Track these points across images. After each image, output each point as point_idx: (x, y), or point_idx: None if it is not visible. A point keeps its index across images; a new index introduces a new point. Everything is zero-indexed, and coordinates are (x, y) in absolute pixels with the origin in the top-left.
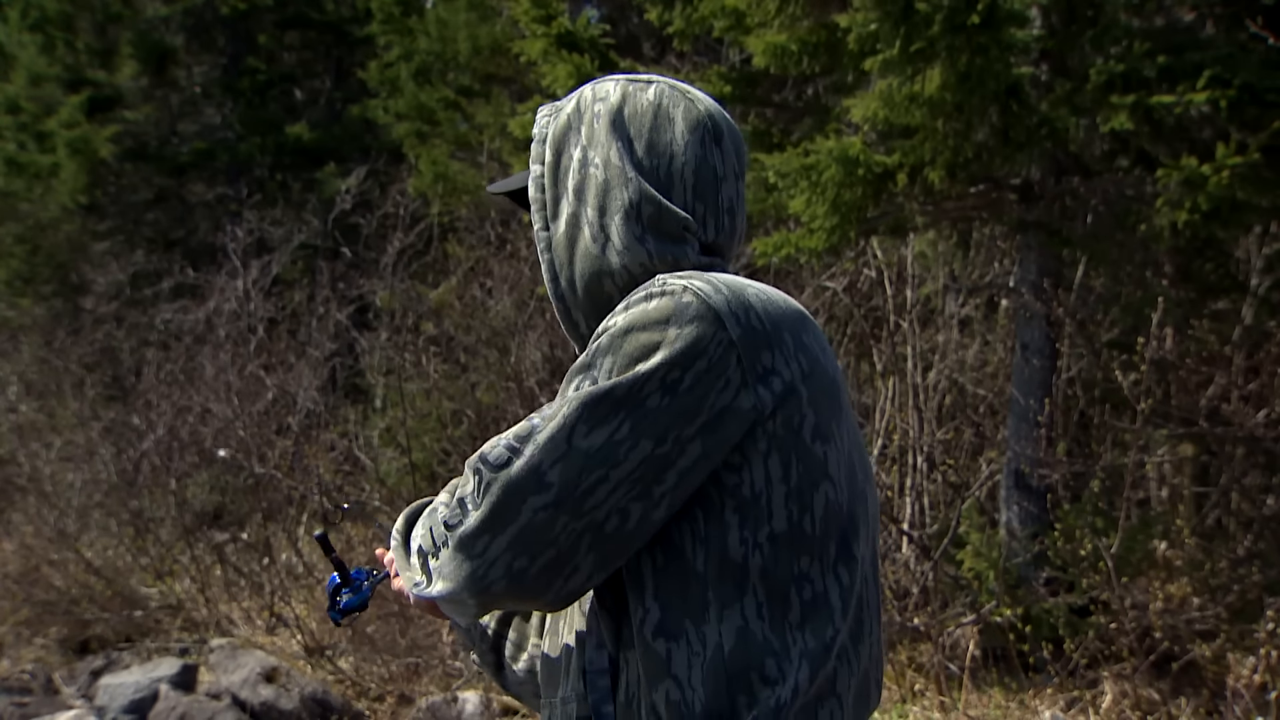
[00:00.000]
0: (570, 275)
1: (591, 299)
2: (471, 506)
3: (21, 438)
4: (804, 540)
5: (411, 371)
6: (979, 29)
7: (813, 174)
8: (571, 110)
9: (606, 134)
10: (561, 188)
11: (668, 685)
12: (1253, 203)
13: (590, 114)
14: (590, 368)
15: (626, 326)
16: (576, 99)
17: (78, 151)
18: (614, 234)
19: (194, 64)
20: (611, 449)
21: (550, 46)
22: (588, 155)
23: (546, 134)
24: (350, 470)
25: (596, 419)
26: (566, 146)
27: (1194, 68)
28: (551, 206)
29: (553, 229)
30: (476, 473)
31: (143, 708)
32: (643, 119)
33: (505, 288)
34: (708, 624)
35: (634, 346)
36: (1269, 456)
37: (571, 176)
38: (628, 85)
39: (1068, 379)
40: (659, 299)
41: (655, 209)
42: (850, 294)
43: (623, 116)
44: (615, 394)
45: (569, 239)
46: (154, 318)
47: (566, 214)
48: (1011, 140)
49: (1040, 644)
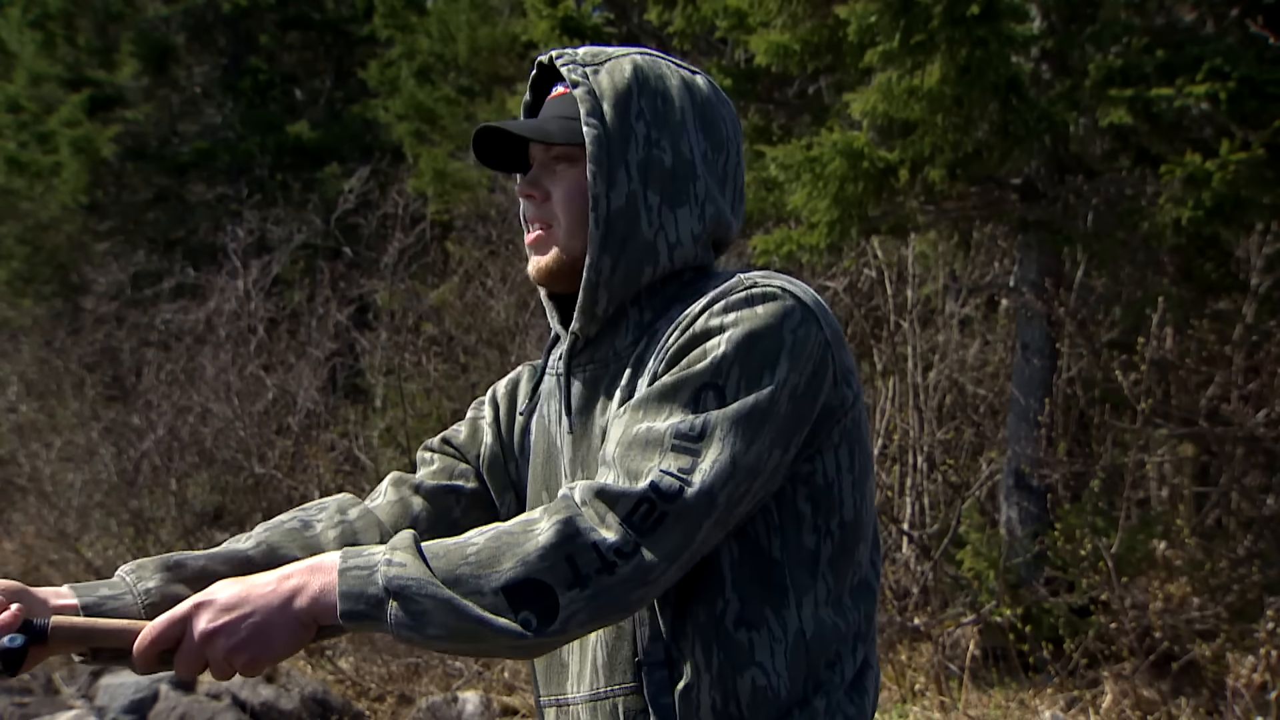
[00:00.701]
0: (616, 253)
1: (626, 282)
2: (640, 535)
3: (22, 438)
4: (862, 527)
5: (411, 371)
6: (979, 21)
7: (816, 166)
8: (630, 77)
9: (678, 119)
10: (620, 158)
11: (753, 673)
12: (1255, 200)
13: (653, 89)
14: (716, 377)
15: (747, 334)
16: (631, 65)
17: (80, 151)
18: (672, 227)
19: (195, 63)
20: (760, 461)
21: (555, 29)
22: (652, 135)
23: (600, 89)
24: (350, 470)
25: (750, 436)
26: (628, 115)
27: (1193, 62)
28: (608, 174)
29: (611, 199)
30: (644, 502)
31: (143, 708)
32: (705, 110)
33: (505, 288)
34: (788, 610)
35: (759, 356)
36: (1269, 456)
37: (634, 150)
38: (679, 69)
39: (1068, 379)
40: (765, 303)
41: (716, 212)
42: (851, 294)
43: (692, 103)
44: (760, 408)
45: (626, 216)
46: (154, 318)
47: (626, 190)
48: (1011, 135)
49: (1040, 644)
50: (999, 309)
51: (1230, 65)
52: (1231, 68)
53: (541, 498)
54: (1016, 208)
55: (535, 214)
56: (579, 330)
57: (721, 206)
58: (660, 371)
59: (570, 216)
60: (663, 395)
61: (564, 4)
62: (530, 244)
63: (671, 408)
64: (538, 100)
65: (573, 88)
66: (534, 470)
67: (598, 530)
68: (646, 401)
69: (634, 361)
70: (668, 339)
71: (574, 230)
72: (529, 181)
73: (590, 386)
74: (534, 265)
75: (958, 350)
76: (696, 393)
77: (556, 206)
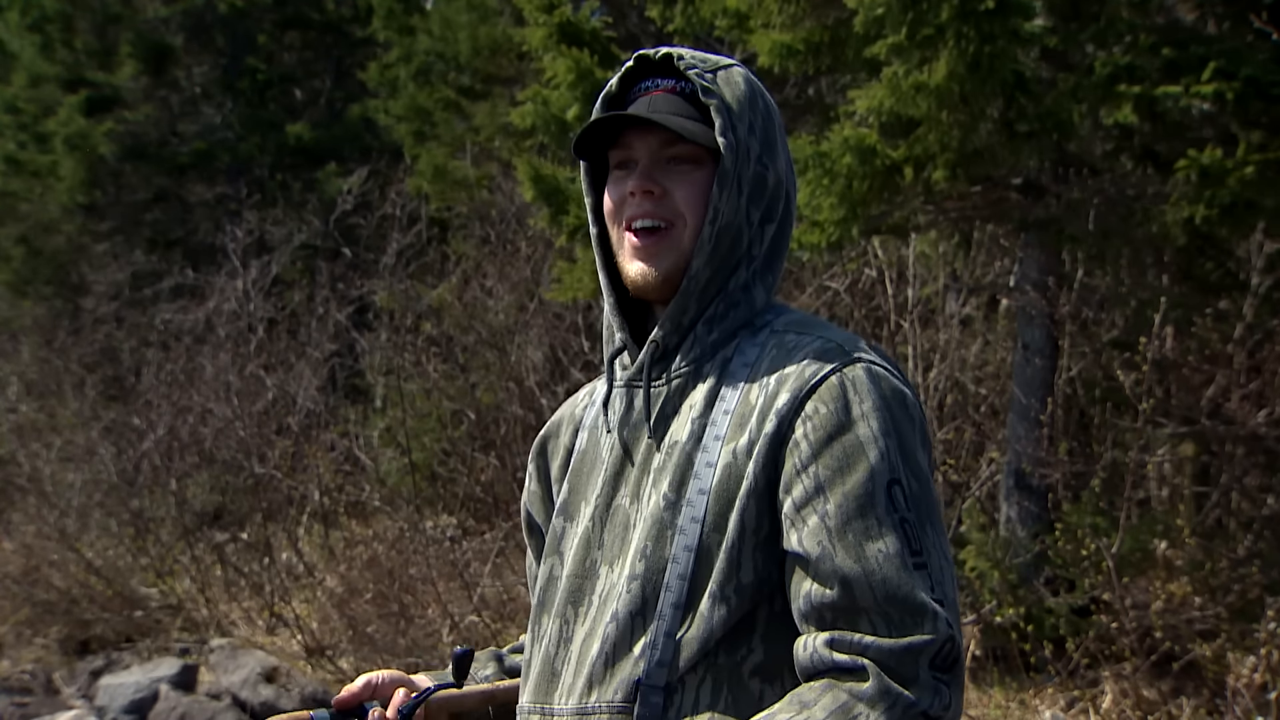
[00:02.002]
0: (716, 265)
1: (708, 291)
2: (945, 672)
3: (21, 438)
4: None
5: (411, 371)
6: (991, 16)
7: (826, 161)
8: (745, 91)
9: (776, 136)
10: (737, 172)
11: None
12: (1261, 203)
13: (763, 106)
14: (894, 474)
15: (892, 423)
16: (743, 79)
17: (75, 148)
18: (759, 243)
19: (193, 64)
20: (949, 549)
21: (551, 36)
22: (761, 152)
23: (728, 98)
24: (350, 470)
25: (938, 530)
26: (744, 129)
27: (1198, 62)
28: (734, 187)
29: (728, 212)
30: (945, 643)
31: (143, 708)
32: (783, 128)
33: (505, 288)
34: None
35: (907, 444)
36: (1270, 456)
37: (748, 166)
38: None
39: (1069, 378)
40: (887, 380)
41: (791, 229)
42: (851, 294)
43: (776, 121)
44: (930, 499)
45: (733, 231)
46: (154, 318)
47: (737, 204)
48: (1017, 133)
49: (1041, 644)
50: (1000, 308)
51: (1235, 66)
52: (1237, 69)
53: (580, 506)
54: (1018, 207)
55: (654, 210)
56: (661, 340)
57: (791, 223)
58: (772, 432)
59: (697, 218)
60: (862, 508)
61: (559, 10)
62: (644, 247)
63: (881, 521)
64: (622, 93)
65: (704, 94)
66: (585, 482)
67: (918, 697)
68: (846, 519)
69: (706, 389)
70: (772, 396)
71: (693, 233)
72: (646, 177)
73: (662, 398)
74: (643, 271)
75: (958, 350)
76: (888, 493)
77: (680, 206)
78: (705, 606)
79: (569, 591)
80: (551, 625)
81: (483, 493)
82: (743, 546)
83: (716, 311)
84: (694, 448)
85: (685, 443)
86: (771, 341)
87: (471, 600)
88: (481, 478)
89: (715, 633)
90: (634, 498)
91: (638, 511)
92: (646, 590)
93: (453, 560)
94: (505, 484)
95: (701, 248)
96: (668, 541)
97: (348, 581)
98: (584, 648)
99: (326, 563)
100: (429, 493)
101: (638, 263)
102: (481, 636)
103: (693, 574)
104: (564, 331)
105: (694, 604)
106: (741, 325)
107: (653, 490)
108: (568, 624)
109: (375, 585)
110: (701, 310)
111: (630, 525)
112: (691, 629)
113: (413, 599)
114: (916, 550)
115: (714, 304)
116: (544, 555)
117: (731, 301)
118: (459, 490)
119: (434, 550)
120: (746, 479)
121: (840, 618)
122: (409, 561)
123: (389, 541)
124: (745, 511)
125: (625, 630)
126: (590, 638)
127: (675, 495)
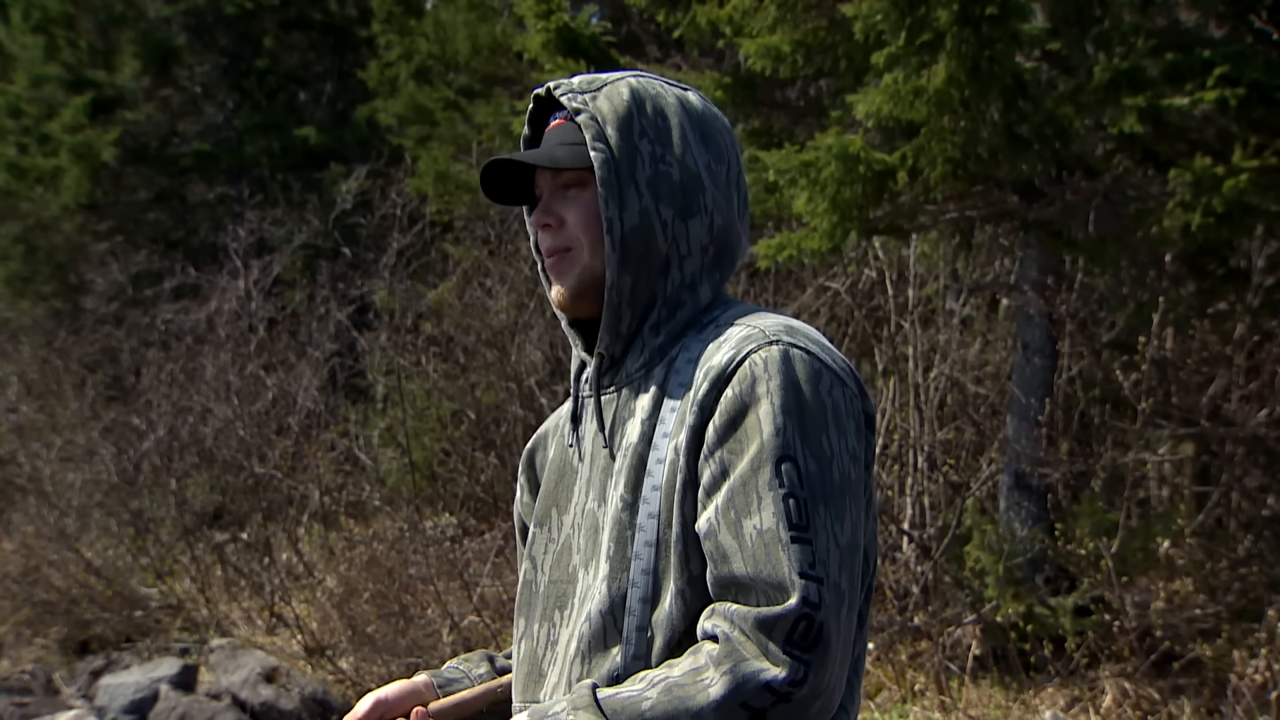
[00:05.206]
0: (635, 271)
1: (641, 297)
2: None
3: (22, 438)
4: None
5: (411, 371)
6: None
7: (811, 171)
8: (629, 99)
9: (676, 132)
10: (629, 177)
11: None
12: (1260, 207)
13: (652, 108)
14: (787, 450)
15: (796, 403)
16: (628, 88)
17: (80, 157)
18: (684, 239)
19: (196, 64)
20: (855, 535)
21: (550, 41)
22: (657, 151)
23: (601, 115)
24: (350, 470)
25: (840, 512)
26: (631, 135)
27: (1200, 66)
28: (619, 195)
29: (625, 219)
30: (801, 620)
31: (143, 708)
32: (702, 125)
33: (505, 288)
34: None
35: (811, 424)
36: (1270, 456)
37: (642, 168)
38: (672, 87)
39: (1069, 378)
40: (805, 361)
41: (724, 223)
42: (851, 294)
43: (689, 118)
44: (836, 480)
45: (641, 234)
46: (155, 318)
47: (638, 208)
48: (1018, 139)
49: (1041, 643)
50: (1000, 308)
51: (1240, 71)
52: (1241, 73)
53: (550, 514)
54: (1017, 208)
55: (554, 241)
56: (605, 350)
57: (729, 217)
58: (694, 423)
59: (590, 236)
60: (745, 483)
61: (557, 16)
62: (551, 272)
63: (761, 496)
64: (536, 133)
65: (574, 115)
66: (560, 491)
67: (766, 667)
68: (731, 496)
69: (654, 389)
70: (698, 389)
71: (595, 249)
72: (543, 210)
73: (613, 406)
74: (557, 292)
75: (958, 350)
76: (775, 469)
77: (574, 229)
78: (667, 599)
79: (554, 596)
80: (539, 629)
81: (483, 492)
82: (687, 538)
83: (660, 316)
84: (645, 448)
85: (637, 444)
86: (714, 336)
87: (471, 600)
88: (481, 477)
89: (678, 625)
90: (600, 501)
91: (604, 514)
92: (614, 589)
93: (453, 560)
94: (505, 484)
95: (610, 259)
96: (629, 540)
97: (348, 581)
98: (566, 648)
99: (326, 563)
100: (429, 493)
101: (553, 285)
102: (481, 636)
103: (655, 568)
104: (564, 331)
105: (660, 597)
106: (688, 324)
107: (613, 493)
108: (554, 627)
109: (375, 585)
110: (643, 316)
111: (599, 528)
112: (659, 621)
113: (413, 599)
114: (799, 526)
115: (656, 309)
116: (521, 560)
117: (674, 303)
118: (459, 490)
119: (434, 550)
120: (680, 471)
121: (727, 593)
122: (409, 561)
123: (389, 541)
124: (684, 504)
125: (599, 628)
126: (571, 638)
127: (631, 495)
